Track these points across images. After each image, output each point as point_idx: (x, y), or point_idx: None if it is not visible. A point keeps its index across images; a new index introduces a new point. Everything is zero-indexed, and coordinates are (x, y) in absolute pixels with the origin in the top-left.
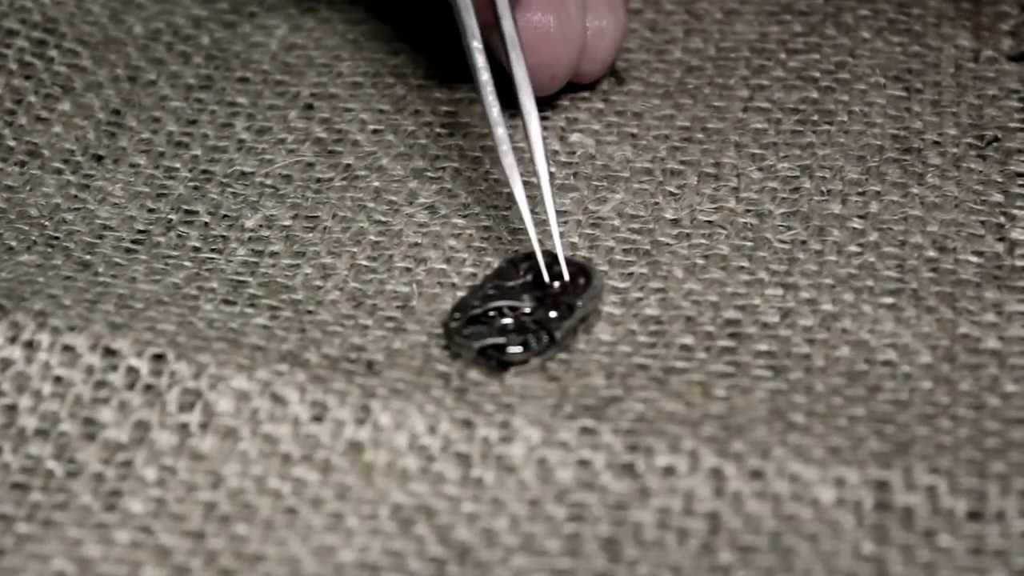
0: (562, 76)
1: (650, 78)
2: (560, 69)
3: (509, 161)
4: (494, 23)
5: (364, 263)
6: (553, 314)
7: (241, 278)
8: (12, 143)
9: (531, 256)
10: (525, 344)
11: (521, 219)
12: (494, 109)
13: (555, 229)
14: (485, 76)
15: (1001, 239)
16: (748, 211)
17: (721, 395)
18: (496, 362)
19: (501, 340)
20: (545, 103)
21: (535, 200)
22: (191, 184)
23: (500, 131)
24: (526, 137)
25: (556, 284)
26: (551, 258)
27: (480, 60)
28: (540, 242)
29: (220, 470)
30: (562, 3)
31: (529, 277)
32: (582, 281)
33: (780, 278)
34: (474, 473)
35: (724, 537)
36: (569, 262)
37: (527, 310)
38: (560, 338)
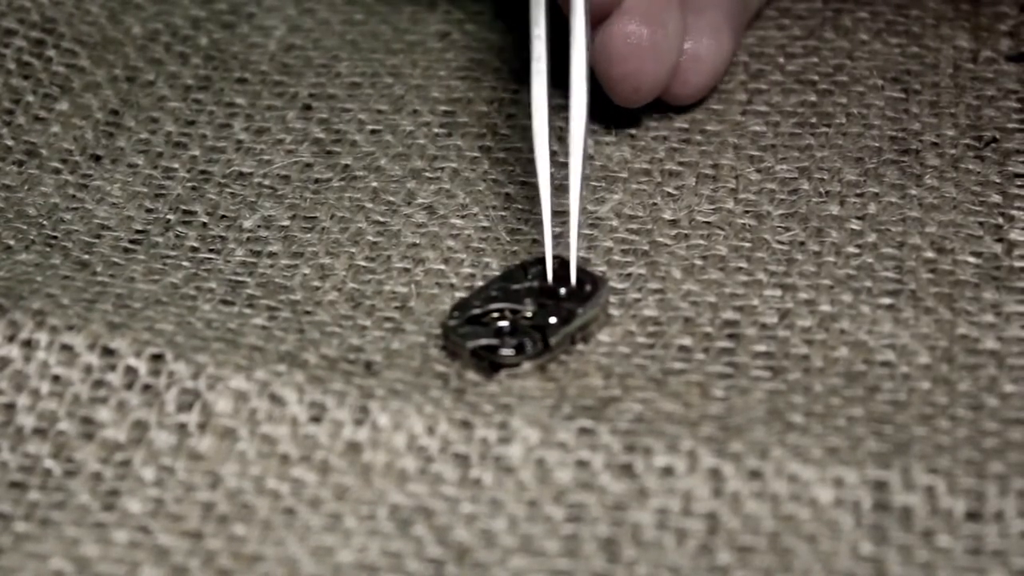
0: (646, 92)
1: None
2: (644, 84)
3: (542, 152)
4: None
5: (362, 264)
6: (553, 320)
7: (239, 278)
8: (10, 143)
9: (542, 261)
10: (519, 347)
11: (538, 216)
12: (540, 99)
13: (574, 234)
14: (539, 66)
15: (999, 240)
16: (746, 212)
17: (719, 396)
18: (488, 363)
19: (494, 341)
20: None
21: (534, 201)
22: (189, 184)
23: (539, 121)
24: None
25: (563, 290)
26: (561, 263)
27: (538, 48)
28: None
29: (218, 470)
30: (660, 20)
31: (536, 283)
32: (588, 289)
33: (778, 279)
34: (472, 474)
35: (723, 537)
36: (579, 269)
37: (528, 314)
38: (555, 344)
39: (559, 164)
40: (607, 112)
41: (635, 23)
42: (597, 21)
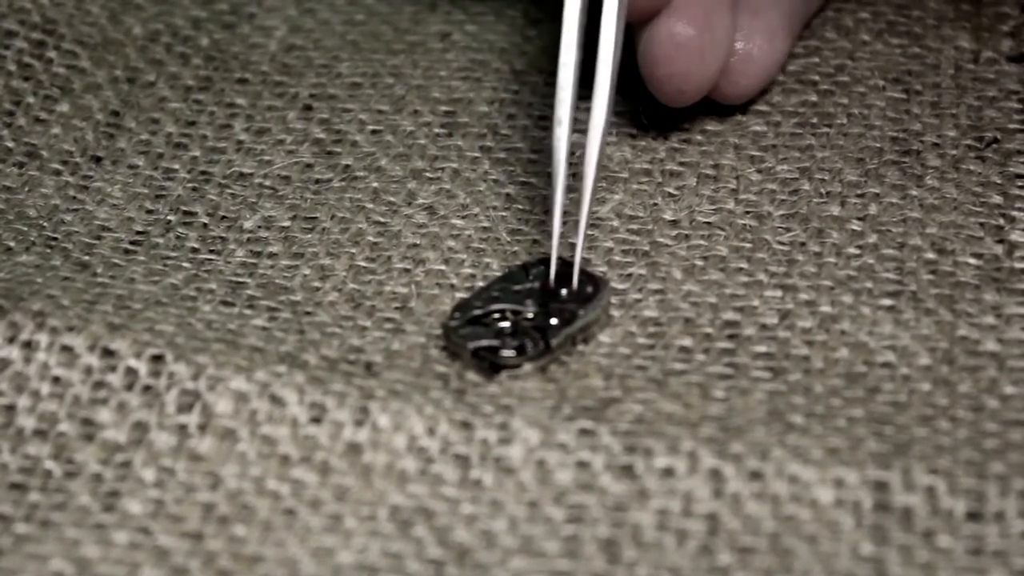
0: (691, 93)
1: None
2: (689, 86)
3: (560, 146)
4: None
5: (363, 264)
6: (554, 321)
7: (240, 279)
8: (11, 144)
9: (543, 262)
10: (520, 348)
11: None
12: (565, 91)
13: (581, 236)
14: (567, 57)
15: (1000, 241)
16: (747, 213)
17: (720, 396)
18: (489, 364)
19: (495, 342)
20: (546, 103)
21: (535, 201)
22: (190, 185)
23: (563, 112)
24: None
25: (564, 292)
26: (563, 264)
27: (568, 38)
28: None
29: (219, 471)
30: (709, 21)
31: (537, 284)
32: (590, 290)
33: (779, 280)
34: (473, 474)
35: (723, 538)
36: (581, 271)
37: (529, 315)
38: (556, 345)
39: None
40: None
41: (682, 24)
42: (645, 20)
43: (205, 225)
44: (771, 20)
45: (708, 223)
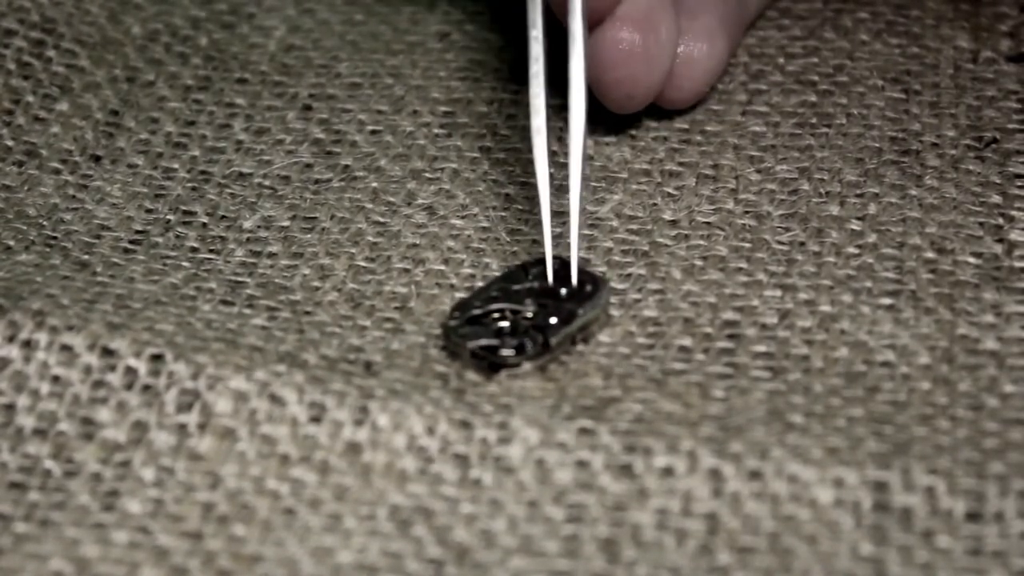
0: (639, 98)
1: None
2: (638, 90)
3: (540, 153)
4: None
5: (362, 264)
6: (553, 320)
7: (239, 279)
8: (10, 143)
9: (542, 262)
10: (519, 347)
11: (538, 216)
12: (538, 99)
13: (574, 234)
14: (536, 67)
15: (999, 240)
16: (747, 213)
17: (719, 396)
18: (488, 363)
19: (495, 342)
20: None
21: (534, 202)
22: (189, 185)
23: (539, 121)
24: (567, 136)
25: (563, 291)
26: (562, 263)
27: (535, 49)
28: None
29: (218, 471)
30: (653, 24)
31: (536, 283)
32: (589, 289)
33: (778, 279)
34: (472, 474)
35: (723, 538)
36: (579, 270)
37: (528, 314)
38: (555, 344)
39: (559, 164)
40: (607, 113)
41: (628, 29)
42: (591, 27)
43: (204, 225)
44: (709, 23)
45: (707, 223)
